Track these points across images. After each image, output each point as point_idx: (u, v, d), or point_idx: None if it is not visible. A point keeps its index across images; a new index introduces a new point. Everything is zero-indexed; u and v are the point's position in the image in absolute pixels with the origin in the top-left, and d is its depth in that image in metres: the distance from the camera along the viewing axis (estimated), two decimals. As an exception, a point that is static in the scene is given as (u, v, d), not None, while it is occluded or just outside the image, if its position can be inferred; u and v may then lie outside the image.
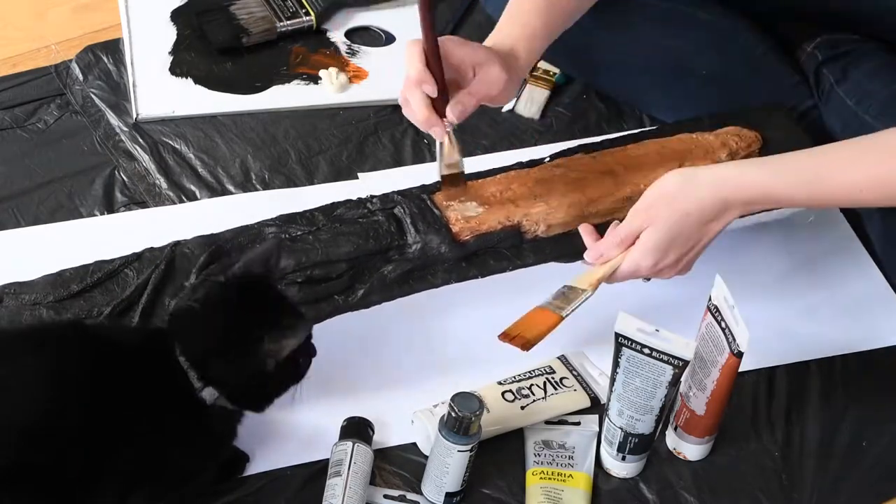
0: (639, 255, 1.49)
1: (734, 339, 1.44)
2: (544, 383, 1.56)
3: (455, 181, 1.58)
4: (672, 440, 1.54)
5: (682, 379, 1.46)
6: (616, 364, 1.46)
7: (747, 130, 1.70)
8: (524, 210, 1.59)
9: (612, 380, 1.47)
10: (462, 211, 1.59)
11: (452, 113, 1.50)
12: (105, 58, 1.86)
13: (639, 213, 1.50)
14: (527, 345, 1.46)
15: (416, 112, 1.50)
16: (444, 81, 1.50)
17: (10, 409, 1.28)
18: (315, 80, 1.87)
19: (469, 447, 1.43)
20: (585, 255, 1.53)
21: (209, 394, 1.36)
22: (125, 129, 1.79)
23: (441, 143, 1.54)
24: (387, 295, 1.53)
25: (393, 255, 1.55)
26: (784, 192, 1.47)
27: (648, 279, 1.55)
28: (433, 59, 1.49)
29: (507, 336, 1.46)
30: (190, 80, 1.85)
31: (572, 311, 1.48)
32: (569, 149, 1.69)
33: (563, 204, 1.60)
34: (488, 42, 1.56)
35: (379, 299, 1.53)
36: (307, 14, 1.92)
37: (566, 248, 1.57)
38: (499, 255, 1.57)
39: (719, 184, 1.48)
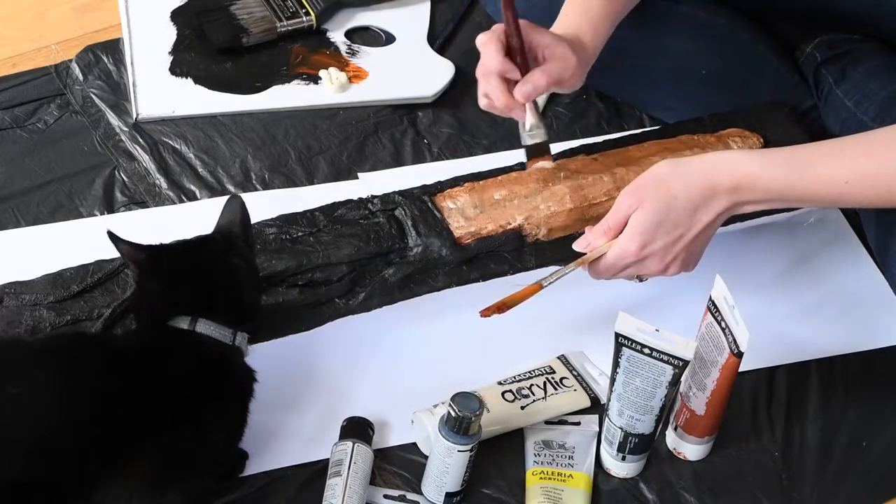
0: (625, 239, 1.49)
1: (734, 339, 1.44)
2: (544, 383, 1.56)
3: (540, 150, 1.60)
4: (672, 440, 1.54)
5: (682, 379, 1.46)
6: (616, 364, 1.46)
7: (749, 132, 1.70)
8: (525, 213, 1.59)
9: (612, 380, 1.47)
10: (463, 212, 1.59)
11: (520, 93, 1.54)
12: (105, 58, 1.86)
13: (627, 195, 1.50)
14: (503, 307, 1.47)
15: (496, 100, 1.55)
16: (526, 66, 1.55)
17: (23, 425, 1.27)
18: (315, 80, 1.87)
19: (469, 447, 1.43)
20: (574, 245, 1.54)
21: (241, 339, 1.39)
22: (125, 129, 1.79)
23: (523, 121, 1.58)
24: (388, 298, 1.53)
25: (394, 258, 1.55)
26: (771, 180, 1.47)
27: (641, 279, 1.54)
28: (515, 45, 1.54)
29: (488, 311, 1.47)
30: (190, 80, 1.85)
31: (553, 281, 1.49)
32: (570, 149, 1.69)
33: (565, 207, 1.60)
34: (554, 29, 1.60)
35: (380, 303, 1.53)
36: (307, 14, 1.92)
37: (567, 251, 1.56)
38: (500, 258, 1.57)
39: (707, 168, 1.48)
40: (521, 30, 1.55)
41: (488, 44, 1.54)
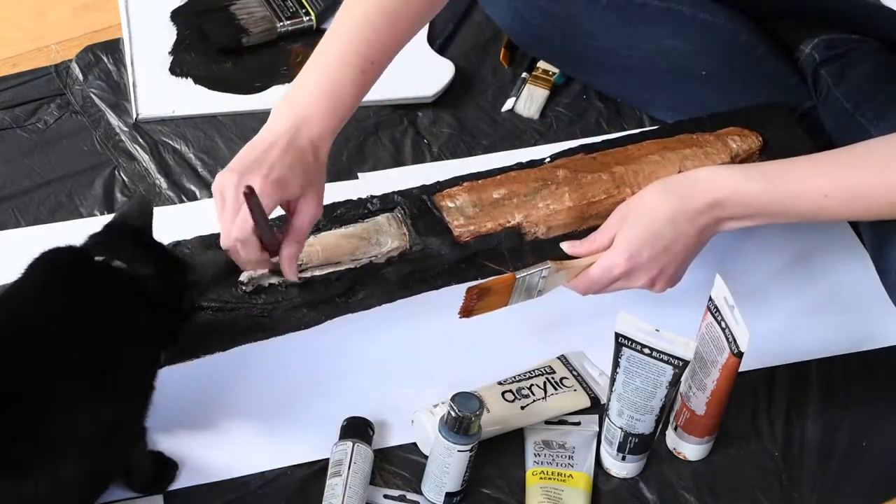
0: (613, 252, 1.50)
1: (734, 339, 1.44)
2: (544, 383, 1.56)
3: None
4: (672, 440, 1.54)
5: (682, 379, 1.46)
6: (616, 364, 1.46)
7: (748, 131, 1.70)
8: (524, 211, 1.59)
9: (612, 380, 1.47)
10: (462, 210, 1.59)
11: (293, 273, 1.46)
12: (105, 58, 1.87)
13: (614, 215, 1.53)
14: (474, 289, 1.46)
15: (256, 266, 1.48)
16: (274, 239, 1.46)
17: None
18: (315, 80, 1.87)
19: (469, 447, 1.43)
20: (562, 244, 1.55)
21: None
22: (125, 129, 1.79)
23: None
24: (387, 297, 1.53)
25: (393, 257, 1.55)
26: (751, 194, 1.49)
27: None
28: (266, 236, 1.44)
29: (464, 308, 1.48)
30: (190, 80, 1.85)
31: (527, 274, 1.48)
32: (569, 149, 1.69)
33: (564, 205, 1.60)
34: (292, 100, 1.50)
35: (379, 301, 1.53)
36: (307, 14, 1.92)
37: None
38: (499, 256, 1.57)
39: (689, 183, 1.51)
40: (264, 214, 1.42)
41: (248, 249, 1.42)
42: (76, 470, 1.30)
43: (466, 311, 1.48)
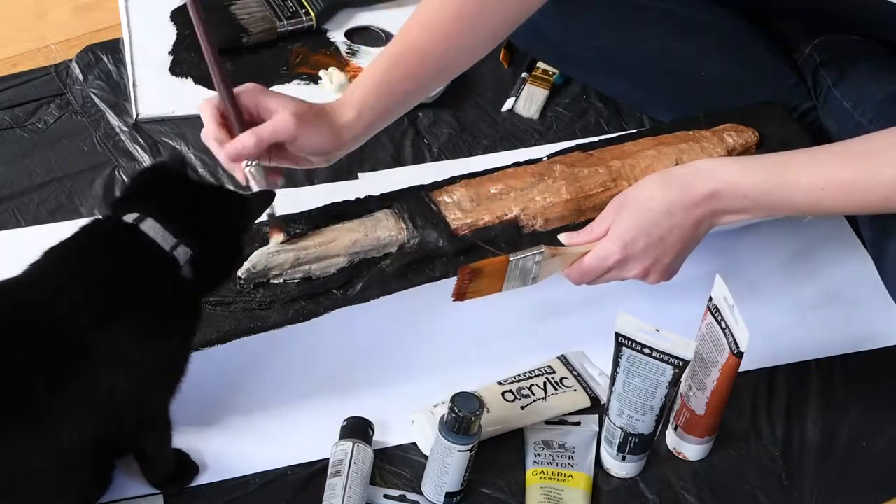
0: (608, 241, 1.50)
1: (734, 339, 1.44)
2: (544, 383, 1.56)
3: (276, 225, 1.52)
4: (672, 440, 1.54)
5: (682, 379, 1.46)
6: (616, 364, 1.46)
7: (744, 126, 1.70)
8: (521, 204, 1.59)
9: (612, 380, 1.47)
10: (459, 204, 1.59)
11: (224, 153, 1.47)
12: (105, 58, 1.87)
13: (611, 204, 1.53)
14: (467, 270, 1.47)
15: (221, 162, 1.50)
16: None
17: None
18: (315, 80, 1.87)
19: (469, 447, 1.43)
20: (559, 235, 1.55)
21: (182, 253, 1.33)
22: (125, 129, 1.79)
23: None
24: (385, 289, 1.53)
25: (391, 251, 1.55)
26: (748, 186, 1.49)
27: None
28: (228, 113, 1.47)
29: (458, 291, 1.48)
30: (190, 80, 1.85)
31: (520, 257, 1.49)
32: (565, 149, 1.69)
33: (561, 198, 1.60)
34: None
35: (377, 293, 1.53)
36: (307, 14, 1.92)
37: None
38: (497, 248, 1.57)
39: (686, 174, 1.51)
40: (235, 97, 1.46)
41: (204, 111, 1.48)
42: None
43: (459, 294, 1.48)
